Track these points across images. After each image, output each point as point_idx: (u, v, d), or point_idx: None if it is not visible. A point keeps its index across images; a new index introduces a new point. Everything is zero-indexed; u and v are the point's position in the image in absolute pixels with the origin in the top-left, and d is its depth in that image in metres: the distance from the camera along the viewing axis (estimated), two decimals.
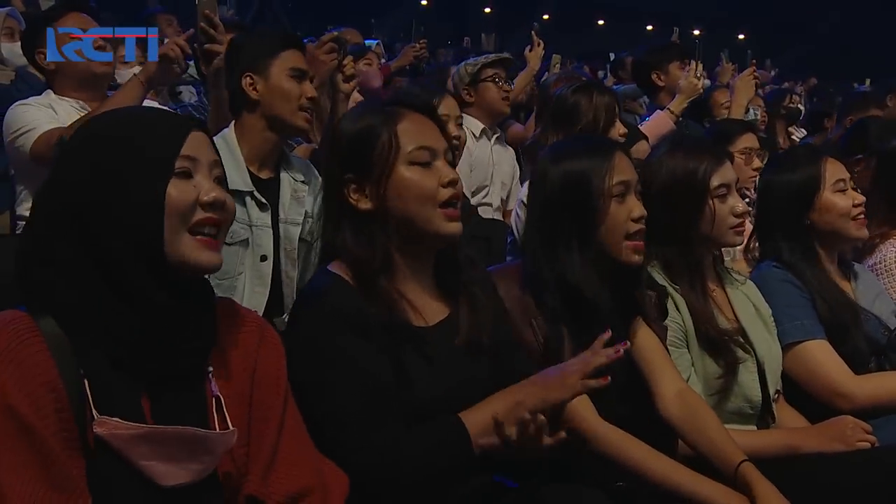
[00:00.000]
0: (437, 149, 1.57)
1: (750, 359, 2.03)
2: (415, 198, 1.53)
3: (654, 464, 1.72)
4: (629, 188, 1.83)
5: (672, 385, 1.86)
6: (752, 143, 3.25)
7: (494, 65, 3.58)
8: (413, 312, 1.56)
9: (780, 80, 10.40)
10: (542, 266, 1.82)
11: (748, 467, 1.72)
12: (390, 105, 1.62)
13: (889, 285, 2.47)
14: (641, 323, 1.92)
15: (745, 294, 2.15)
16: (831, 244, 2.31)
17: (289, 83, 2.27)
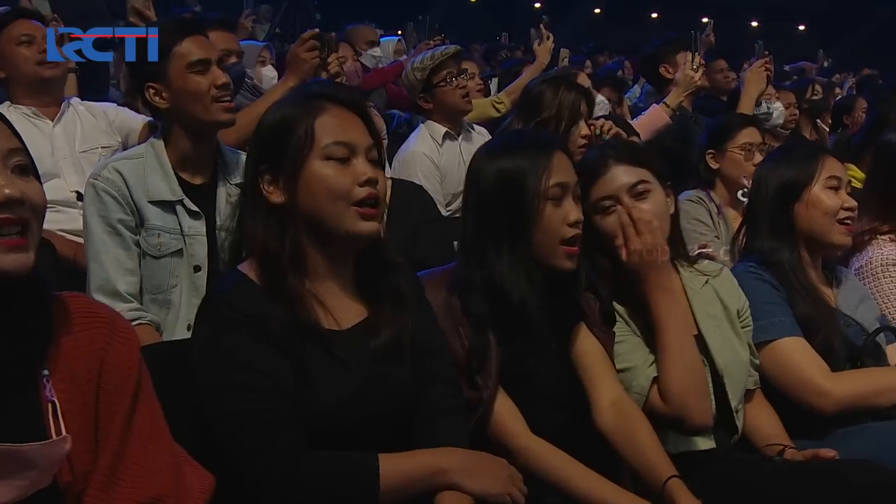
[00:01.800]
0: (357, 145, 1.50)
1: (705, 369, 1.91)
2: (326, 194, 1.47)
3: (579, 479, 1.65)
4: (567, 191, 1.73)
5: (608, 395, 1.78)
6: (753, 139, 3.13)
7: (445, 64, 3.31)
8: (325, 315, 1.50)
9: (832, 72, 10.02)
10: (472, 267, 1.74)
11: (676, 483, 1.65)
12: (316, 97, 1.55)
13: (874, 289, 2.35)
14: (583, 329, 1.83)
15: (715, 289, 2.02)
16: (814, 247, 2.19)
17: (193, 81, 2.14)
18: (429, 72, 3.31)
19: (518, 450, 1.68)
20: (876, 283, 2.34)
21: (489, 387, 1.67)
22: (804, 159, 2.19)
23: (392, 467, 1.41)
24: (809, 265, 2.19)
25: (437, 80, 3.31)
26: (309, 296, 1.48)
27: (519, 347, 1.75)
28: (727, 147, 3.12)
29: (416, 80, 3.35)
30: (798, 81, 5.65)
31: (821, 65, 10.90)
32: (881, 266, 2.34)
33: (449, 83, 3.31)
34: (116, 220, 2.11)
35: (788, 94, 4.87)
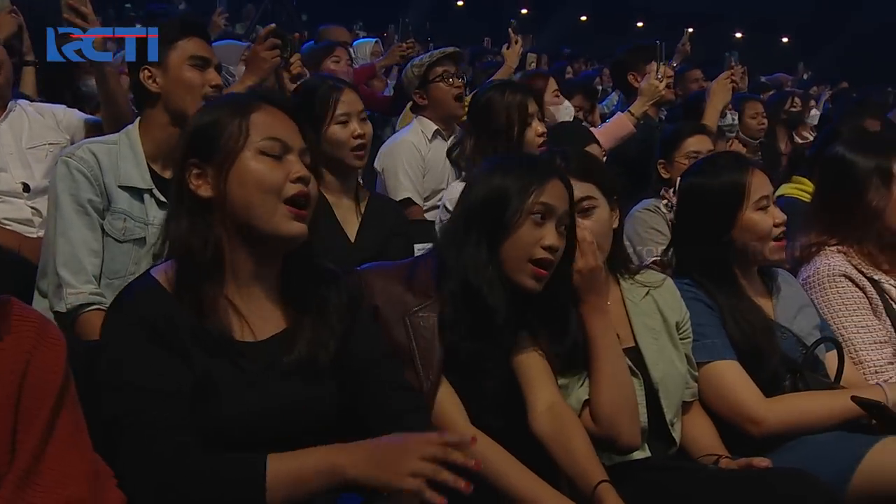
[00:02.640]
0: (291, 144, 1.48)
1: (637, 382, 1.92)
2: (257, 188, 1.44)
3: (515, 475, 1.66)
4: (552, 214, 1.74)
5: (544, 399, 1.78)
6: (701, 147, 3.16)
7: (442, 62, 3.38)
8: (240, 324, 1.46)
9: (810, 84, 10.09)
10: (452, 255, 1.76)
11: (605, 488, 1.65)
12: (252, 98, 1.54)
13: (821, 300, 2.33)
14: (526, 337, 1.83)
15: (656, 300, 2.02)
16: (748, 262, 2.19)
17: (190, 73, 2.19)
18: (426, 68, 3.38)
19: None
20: (823, 293, 2.32)
21: (430, 378, 1.69)
22: (731, 178, 2.12)
23: (281, 466, 1.34)
24: (745, 278, 2.18)
25: (433, 77, 3.38)
26: (224, 303, 1.44)
27: (476, 346, 1.76)
28: (675, 156, 3.14)
29: (413, 76, 3.43)
30: (777, 94, 5.66)
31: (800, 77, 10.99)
32: (828, 277, 2.32)
33: (444, 80, 3.37)
34: (86, 199, 2.11)
35: (757, 104, 4.88)
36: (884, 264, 2.38)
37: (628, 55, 4.09)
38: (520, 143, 2.81)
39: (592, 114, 4.90)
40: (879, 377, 2.19)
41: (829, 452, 1.89)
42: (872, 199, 2.34)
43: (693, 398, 2.02)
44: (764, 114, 4.82)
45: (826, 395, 2.04)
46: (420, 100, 3.42)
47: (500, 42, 10.08)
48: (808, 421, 1.99)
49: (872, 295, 2.31)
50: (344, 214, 2.53)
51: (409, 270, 1.81)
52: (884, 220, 2.36)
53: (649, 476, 1.84)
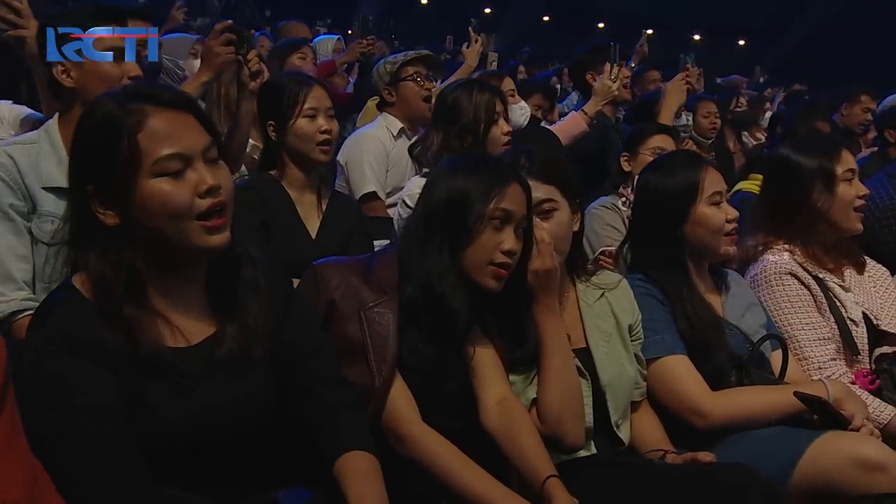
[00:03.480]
0: (191, 153, 1.35)
1: (585, 383, 1.92)
2: (165, 214, 1.33)
3: (463, 472, 1.64)
4: (511, 219, 1.73)
5: (494, 395, 1.78)
6: (665, 144, 3.22)
7: (415, 62, 3.39)
8: (170, 331, 1.40)
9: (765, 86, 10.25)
10: (414, 258, 1.75)
11: (554, 483, 1.65)
12: (136, 101, 1.36)
13: (767, 297, 2.36)
14: (477, 333, 1.82)
15: (609, 302, 2.03)
16: (701, 257, 2.21)
17: (106, 64, 2.05)
18: (399, 66, 3.39)
19: (407, 437, 1.68)
20: (769, 290, 2.35)
21: (383, 374, 1.68)
22: (686, 174, 2.16)
23: None
24: (697, 274, 2.20)
25: (405, 75, 3.38)
26: (151, 315, 1.38)
27: (435, 349, 1.76)
28: (639, 150, 3.19)
29: (385, 72, 3.43)
30: (722, 95, 5.74)
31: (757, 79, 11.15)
32: (775, 275, 2.35)
33: (414, 80, 3.38)
34: (7, 204, 2.00)
35: (710, 104, 4.94)
36: (828, 263, 2.42)
37: (587, 56, 4.11)
38: (485, 141, 2.81)
39: (552, 113, 4.91)
40: (823, 373, 2.23)
41: (771, 447, 1.91)
42: (817, 201, 2.38)
43: (642, 397, 2.04)
44: (717, 114, 4.88)
45: (770, 390, 2.07)
46: (389, 96, 3.41)
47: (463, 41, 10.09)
48: (751, 415, 2.02)
49: (817, 293, 2.35)
50: (305, 210, 2.51)
51: (365, 265, 1.80)
52: (828, 220, 2.39)
53: (597, 471, 1.84)
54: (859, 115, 5.27)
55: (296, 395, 1.54)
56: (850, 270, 2.46)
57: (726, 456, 1.90)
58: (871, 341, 2.36)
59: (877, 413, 2.16)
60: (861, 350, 2.34)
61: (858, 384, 2.24)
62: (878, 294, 2.46)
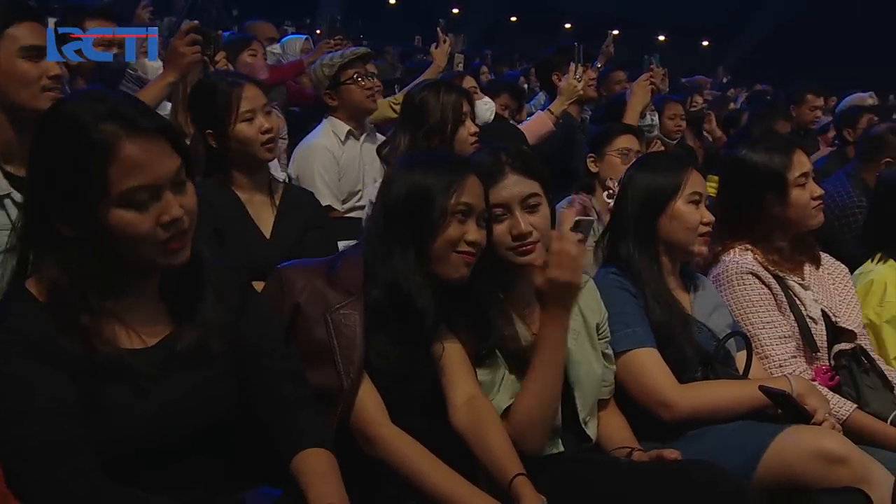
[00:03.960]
0: (160, 183, 1.32)
1: None
2: (127, 241, 1.32)
3: (432, 472, 1.64)
4: (472, 211, 1.75)
5: (463, 393, 1.78)
6: (631, 144, 3.24)
7: (353, 63, 3.30)
8: (126, 332, 1.40)
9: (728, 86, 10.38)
10: (378, 261, 1.74)
11: (521, 481, 1.65)
12: (111, 121, 1.30)
13: (729, 296, 2.38)
14: (446, 331, 1.82)
15: (577, 303, 2.02)
16: (674, 255, 2.24)
17: (22, 65, 1.98)
18: (337, 69, 3.30)
19: (377, 438, 1.67)
20: (731, 290, 2.37)
21: (351, 376, 1.67)
22: (670, 172, 2.22)
23: None
24: (668, 272, 2.23)
25: (345, 78, 3.30)
26: (107, 318, 1.37)
27: (402, 348, 1.75)
28: (606, 151, 3.20)
29: (323, 76, 3.33)
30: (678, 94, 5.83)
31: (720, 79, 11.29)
32: (737, 274, 2.37)
33: (355, 82, 3.30)
34: None
35: (676, 106, 4.99)
36: (788, 263, 2.44)
37: (553, 56, 4.14)
38: (453, 141, 2.81)
39: (519, 113, 4.92)
40: (784, 370, 2.26)
41: (736, 441, 1.93)
42: (773, 204, 2.40)
43: (609, 395, 2.05)
44: (683, 115, 4.94)
45: (735, 384, 2.10)
46: (330, 101, 3.33)
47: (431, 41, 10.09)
48: (717, 408, 2.04)
49: (778, 292, 2.37)
50: (257, 211, 2.46)
51: (330, 267, 1.79)
52: (785, 223, 2.42)
53: (565, 468, 1.85)
54: (807, 114, 5.39)
55: (253, 392, 1.52)
56: (809, 268, 2.49)
57: (692, 450, 1.91)
58: (829, 338, 2.39)
59: (836, 409, 2.19)
60: (820, 347, 2.37)
61: (818, 381, 2.27)
62: (837, 291, 2.49)
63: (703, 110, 5.53)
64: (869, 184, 3.52)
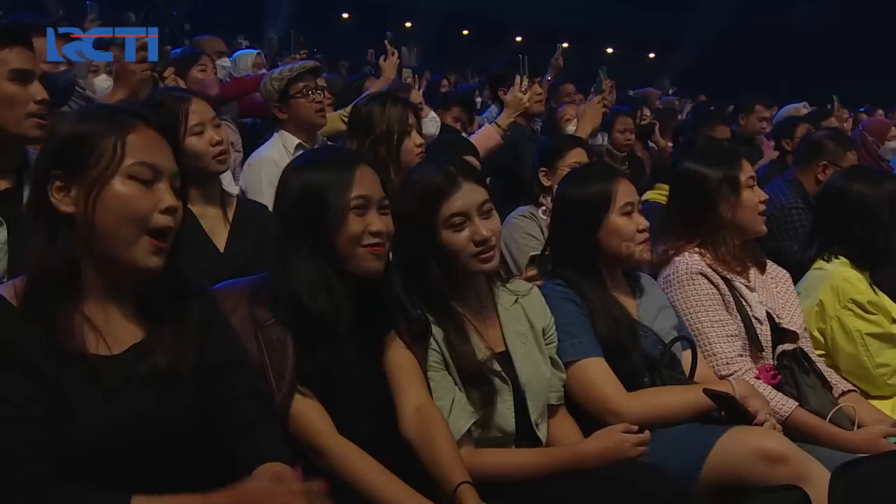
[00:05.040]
0: (163, 170, 1.42)
1: (507, 388, 1.95)
2: (124, 215, 1.37)
3: (378, 482, 1.64)
4: (370, 203, 1.75)
5: (412, 402, 1.78)
6: (581, 158, 3.26)
7: (302, 77, 3.29)
8: (96, 338, 1.39)
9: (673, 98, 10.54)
10: (280, 279, 1.73)
11: (465, 489, 1.66)
12: (128, 114, 1.45)
13: (679, 297, 2.42)
14: (394, 339, 1.83)
15: (524, 307, 2.07)
16: (615, 264, 2.27)
17: (10, 87, 1.98)
18: (286, 83, 3.29)
19: (323, 450, 1.67)
20: (681, 290, 2.41)
21: (283, 391, 1.67)
22: (600, 187, 2.23)
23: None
24: (611, 280, 2.26)
25: (294, 92, 3.29)
26: (78, 318, 1.38)
27: (323, 356, 1.74)
28: (558, 164, 3.23)
29: (273, 89, 3.31)
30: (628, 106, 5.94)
31: (666, 91, 11.50)
32: (686, 275, 2.42)
33: (305, 96, 3.29)
34: None
35: (626, 119, 5.08)
36: (735, 265, 2.49)
37: (502, 70, 4.17)
38: (398, 152, 2.82)
39: (471, 125, 4.96)
40: (730, 368, 2.31)
41: (682, 444, 1.96)
42: (724, 209, 2.46)
43: (559, 402, 2.07)
44: (632, 129, 5.03)
45: (680, 389, 2.13)
46: (280, 114, 3.32)
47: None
48: (664, 413, 2.07)
49: (725, 292, 2.42)
50: (211, 225, 2.44)
51: (258, 286, 1.78)
52: (735, 225, 2.48)
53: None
54: (755, 123, 5.55)
55: (215, 410, 1.52)
56: (754, 272, 2.55)
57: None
58: (773, 338, 2.45)
59: (778, 406, 2.23)
60: (765, 346, 2.42)
61: (762, 379, 2.32)
62: (780, 295, 2.56)
63: (652, 123, 5.63)
64: (805, 186, 3.64)
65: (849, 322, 2.63)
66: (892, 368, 2.62)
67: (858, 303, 2.64)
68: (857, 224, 2.71)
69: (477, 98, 7.06)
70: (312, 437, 1.67)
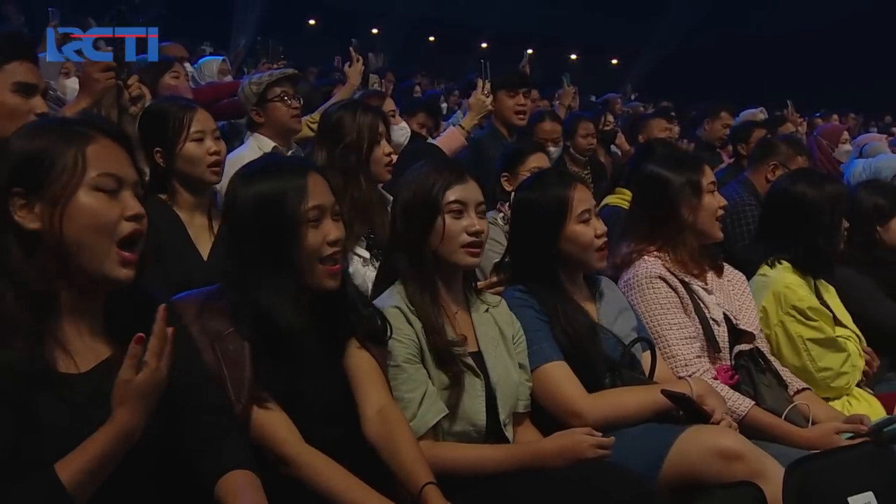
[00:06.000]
0: (125, 179, 1.42)
1: (479, 382, 1.97)
2: (93, 227, 1.37)
3: (345, 488, 1.64)
4: (324, 212, 1.75)
5: (374, 403, 1.79)
6: (542, 163, 3.30)
7: (280, 82, 3.37)
8: (63, 356, 1.39)
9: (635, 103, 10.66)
10: (235, 293, 1.72)
11: (430, 490, 1.67)
12: (83, 126, 1.45)
13: (639, 300, 2.46)
14: (354, 343, 1.84)
15: (493, 317, 2.11)
16: (574, 270, 2.31)
17: (13, 99, 2.04)
18: (265, 87, 3.35)
19: (288, 458, 1.67)
20: (640, 294, 2.45)
21: (242, 401, 1.67)
22: (555, 195, 2.25)
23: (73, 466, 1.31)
24: (571, 284, 2.30)
25: (272, 97, 3.35)
26: (47, 336, 1.37)
27: (288, 368, 1.73)
28: (519, 170, 3.26)
29: (251, 93, 3.37)
30: (595, 111, 6.00)
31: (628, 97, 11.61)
32: (646, 279, 2.45)
33: (282, 101, 3.35)
34: None
35: (589, 124, 5.13)
36: (693, 268, 2.54)
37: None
38: (368, 160, 2.82)
39: (436, 131, 4.98)
40: (689, 369, 2.34)
41: (640, 445, 1.99)
42: (685, 212, 2.50)
43: (525, 409, 2.09)
44: (594, 134, 5.08)
45: (640, 390, 2.16)
46: (257, 118, 3.38)
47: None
48: (624, 414, 2.10)
49: (683, 295, 2.46)
50: (197, 233, 2.47)
51: (214, 296, 1.77)
52: (694, 229, 2.52)
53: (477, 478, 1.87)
54: (719, 129, 5.63)
55: (180, 423, 1.52)
56: (712, 275, 2.59)
57: None
58: (730, 339, 2.49)
59: (735, 406, 2.28)
60: (722, 347, 2.46)
61: (720, 379, 2.36)
62: (737, 297, 2.60)
63: (615, 129, 5.69)
64: (757, 185, 3.71)
65: (791, 328, 2.69)
66: (834, 372, 2.68)
67: (800, 309, 2.68)
68: (800, 226, 2.75)
69: (443, 104, 7.08)
70: (278, 447, 1.67)
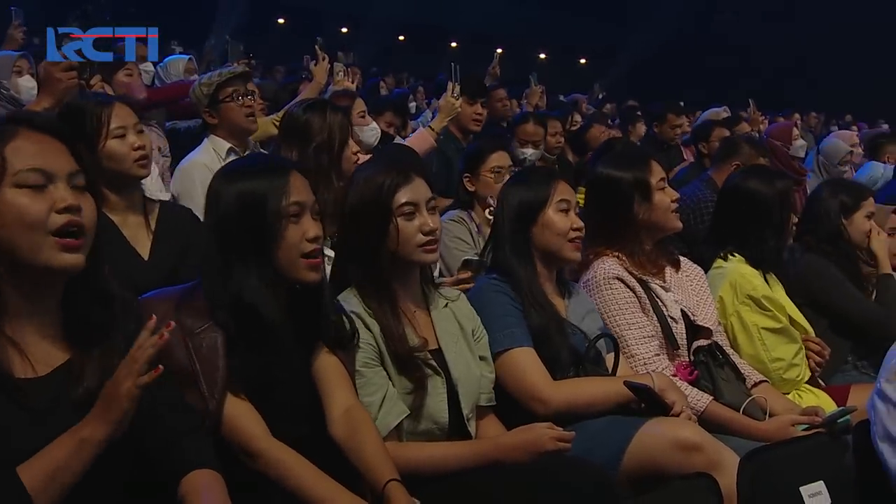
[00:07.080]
0: (55, 172, 1.37)
1: (440, 380, 1.99)
2: (19, 224, 1.33)
3: (313, 484, 1.66)
4: (304, 209, 1.77)
5: (340, 404, 1.81)
6: (503, 162, 3.31)
7: (231, 81, 3.24)
8: (20, 360, 1.36)
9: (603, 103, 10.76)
10: (217, 286, 1.73)
11: (394, 486, 1.69)
12: (8, 123, 1.41)
13: (598, 301, 2.48)
14: (324, 347, 1.85)
15: (453, 312, 2.12)
16: (549, 262, 2.34)
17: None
18: (215, 87, 3.25)
19: (256, 453, 1.68)
20: (600, 294, 2.47)
21: (216, 397, 1.68)
22: (540, 184, 2.34)
23: (34, 472, 1.30)
24: (545, 278, 2.33)
25: (223, 97, 3.25)
26: (4, 341, 1.34)
27: (262, 360, 1.75)
28: (480, 171, 3.28)
29: (202, 94, 3.28)
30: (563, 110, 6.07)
31: (596, 96, 11.70)
32: (604, 280, 2.48)
33: (234, 100, 3.25)
34: None
35: (556, 123, 5.18)
36: (651, 267, 2.57)
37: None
38: (339, 160, 2.82)
39: (404, 129, 5.00)
40: (648, 367, 2.37)
41: (602, 437, 2.02)
42: (638, 211, 2.53)
43: (488, 403, 2.11)
44: (562, 133, 5.12)
45: (603, 380, 2.21)
46: (210, 119, 3.27)
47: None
48: (587, 402, 2.14)
49: (641, 295, 2.49)
50: (133, 233, 2.40)
51: (188, 293, 1.78)
52: (650, 226, 2.55)
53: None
54: (668, 131, 5.88)
55: (140, 424, 1.48)
56: (669, 271, 2.62)
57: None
58: (689, 335, 2.53)
59: (695, 401, 2.31)
60: (681, 344, 2.50)
61: (679, 376, 2.40)
62: (695, 293, 2.63)
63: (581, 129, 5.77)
64: (720, 184, 3.69)
65: (746, 317, 2.73)
66: (786, 363, 2.72)
67: (755, 298, 2.73)
68: (749, 222, 2.80)
69: (411, 103, 7.09)
70: (246, 441, 1.68)
